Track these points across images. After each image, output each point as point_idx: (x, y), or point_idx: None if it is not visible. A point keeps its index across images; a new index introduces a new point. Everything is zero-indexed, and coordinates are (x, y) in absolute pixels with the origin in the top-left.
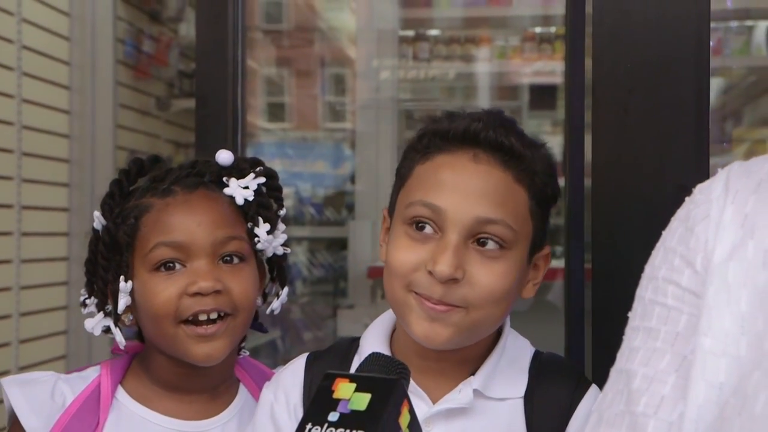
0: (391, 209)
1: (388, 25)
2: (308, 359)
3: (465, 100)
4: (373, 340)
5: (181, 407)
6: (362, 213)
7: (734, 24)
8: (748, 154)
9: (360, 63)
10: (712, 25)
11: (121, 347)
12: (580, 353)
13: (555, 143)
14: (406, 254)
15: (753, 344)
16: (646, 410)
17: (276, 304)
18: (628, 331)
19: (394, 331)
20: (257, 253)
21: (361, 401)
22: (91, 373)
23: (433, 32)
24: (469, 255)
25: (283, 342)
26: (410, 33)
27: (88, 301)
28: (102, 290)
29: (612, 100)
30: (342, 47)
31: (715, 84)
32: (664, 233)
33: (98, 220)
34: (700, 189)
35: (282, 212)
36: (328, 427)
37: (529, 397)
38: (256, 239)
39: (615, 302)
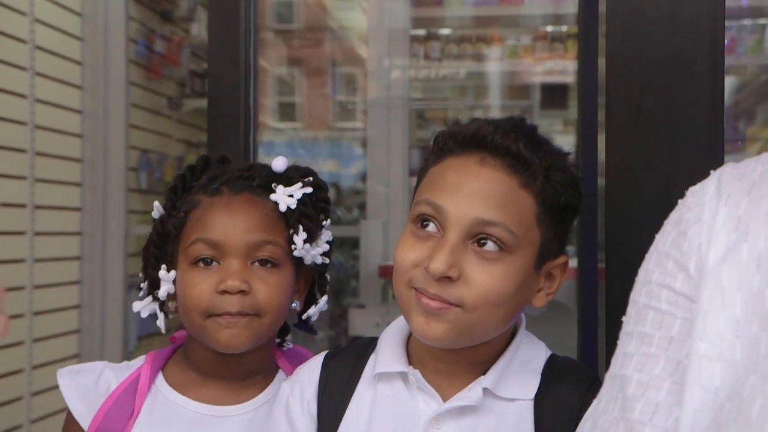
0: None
1: (400, 25)
2: (325, 357)
3: (476, 99)
4: (390, 341)
5: (215, 393)
6: (373, 212)
7: (747, 22)
8: (762, 153)
9: (371, 62)
10: (726, 23)
11: (163, 332)
12: (593, 355)
13: (566, 142)
14: (408, 251)
15: (748, 348)
16: (642, 417)
17: (313, 311)
18: (622, 336)
19: (411, 333)
20: (299, 260)
21: None
22: (137, 362)
23: (445, 31)
24: (467, 255)
25: (294, 341)
26: (421, 32)
27: (142, 285)
28: (152, 276)
29: (625, 100)
30: (353, 47)
31: (729, 82)
32: (657, 237)
33: (157, 210)
34: (692, 192)
35: (326, 223)
36: None
37: (539, 399)
38: (293, 246)
39: (628, 303)
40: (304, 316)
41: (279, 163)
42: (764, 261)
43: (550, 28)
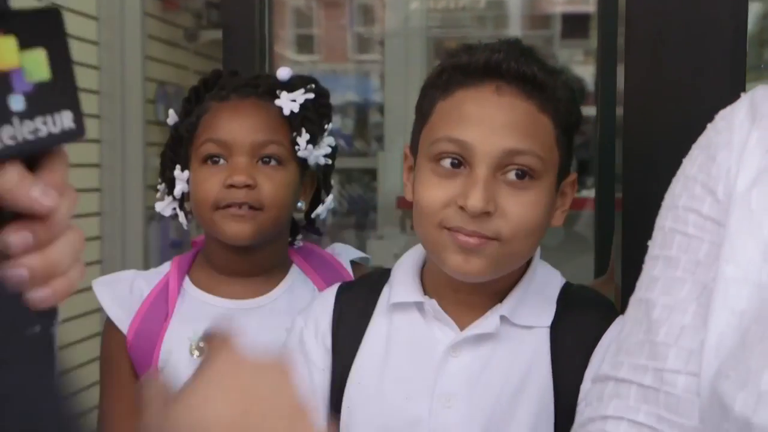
0: (414, 148)
1: None
2: (339, 288)
3: (496, 29)
4: (405, 272)
5: (237, 289)
6: (391, 144)
7: None
8: None
9: None
10: None
11: (185, 227)
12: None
13: (587, 73)
14: (435, 192)
15: None
16: (667, 339)
17: (321, 209)
18: (648, 260)
19: (425, 264)
20: (302, 162)
21: (39, 65)
22: (164, 268)
23: None
24: (499, 187)
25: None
26: None
27: (159, 187)
28: (170, 177)
29: (646, 27)
30: None
31: (753, 9)
32: (685, 161)
33: (172, 117)
34: (722, 116)
35: (328, 126)
36: (21, 121)
37: (555, 327)
38: (296, 147)
39: (645, 232)
40: (312, 215)
41: (283, 73)
42: None
43: None
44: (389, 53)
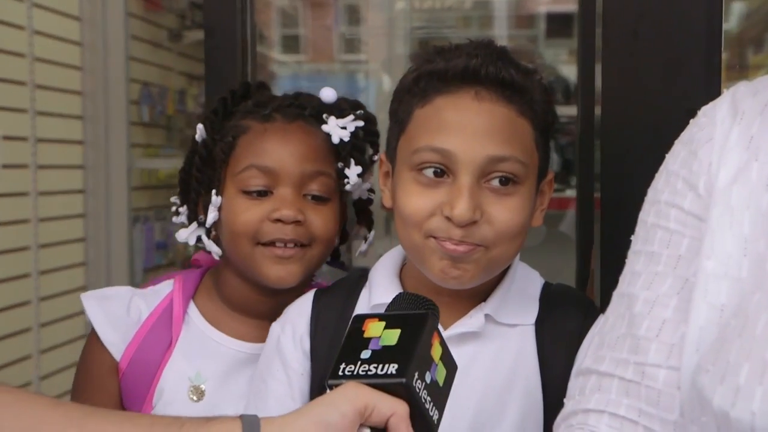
0: (391, 154)
1: None
2: (316, 293)
3: (481, 29)
4: (384, 273)
5: (248, 330)
6: None
7: None
8: None
9: None
10: None
11: (216, 257)
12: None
13: (571, 72)
14: (419, 201)
15: (755, 266)
16: (648, 333)
17: (364, 247)
18: (631, 255)
19: (404, 265)
20: (342, 194)
21: (392, 337)
22: (165, 288)
23: None
24: (483, 195)
25: None
26: None
27: (180, 210)
28: (194, 201)
29: (622, 26)
30: None
31: (737, 9)
32: (667, 157)
33: (200, 133)
34: (704, 112)
35: (376, 158)
36: (361, 365)
37: (539, 324)
38: (345, 180)
39: (623, 230)
40: (357, 253)
41: (328, 94)
42: None
43: None
44: (373, 54)
